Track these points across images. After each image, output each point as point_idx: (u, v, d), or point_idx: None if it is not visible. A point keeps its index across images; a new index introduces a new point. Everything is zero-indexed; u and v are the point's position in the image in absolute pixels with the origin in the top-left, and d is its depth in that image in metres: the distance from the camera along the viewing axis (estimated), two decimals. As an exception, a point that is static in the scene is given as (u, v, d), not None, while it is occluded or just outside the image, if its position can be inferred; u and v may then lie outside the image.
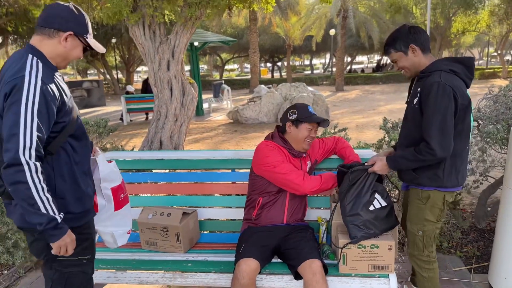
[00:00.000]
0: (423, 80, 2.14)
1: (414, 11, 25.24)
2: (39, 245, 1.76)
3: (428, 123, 2.03)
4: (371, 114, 12.71)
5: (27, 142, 1.52)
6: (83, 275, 1.86)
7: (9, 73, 1.59)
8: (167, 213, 2.60)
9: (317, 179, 2.38)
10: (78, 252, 1.78)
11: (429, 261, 2.31)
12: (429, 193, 2.20)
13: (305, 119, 2.44)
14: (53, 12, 1.71)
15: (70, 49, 1.75)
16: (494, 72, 28.73)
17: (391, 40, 2.23)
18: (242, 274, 2.11)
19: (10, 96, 1.54)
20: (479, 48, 49.88)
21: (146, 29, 5.70)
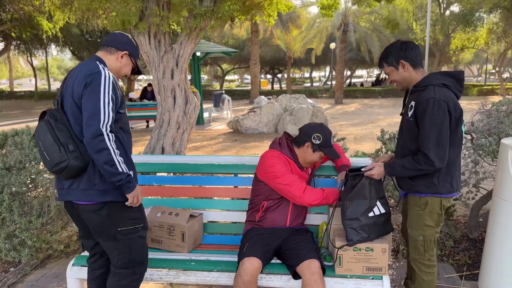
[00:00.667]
0: (416, 94, 2.28)
1: (414, 27, 25.62)
2: (99, 220, 2.10)
3: (425, 136, 2.16)
4: (369, 127, 12.87)
5: (105, 119, 1.95)
6: (141, 239, 2.23)
7: (83, 71, 2.02)
8: (175, 213, 2.73)
9: (318, 193, 2.46)
10: (132, 221, 2.16)
11: (430, 265, 2.42)
12: (427, 199, 2.32)
13: (325, 150, 2.53)
14: (116, 37, 2.22)
15: (123, 65, 2.23)
16: (492, 89, 29.03)
17: (384, 54, 2.38)
18: (246, 271, 2.22)
19: (90, 85, 1.97)
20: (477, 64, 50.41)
21: (152, 38, 5.86)
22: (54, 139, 1.97)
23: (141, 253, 2.25)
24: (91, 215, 2.10)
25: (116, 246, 2.16)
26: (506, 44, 25.09)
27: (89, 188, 2.05)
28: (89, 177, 2.05)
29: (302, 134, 2.58)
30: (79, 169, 2.01)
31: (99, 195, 2.06)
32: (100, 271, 2.36)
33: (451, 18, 24.25)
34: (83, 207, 2.10)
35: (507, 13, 19.14)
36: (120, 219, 2.13)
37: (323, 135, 2.52)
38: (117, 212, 2.11)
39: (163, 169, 3.04)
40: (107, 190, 2.07)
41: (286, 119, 11.42)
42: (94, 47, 25.42)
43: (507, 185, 2.56)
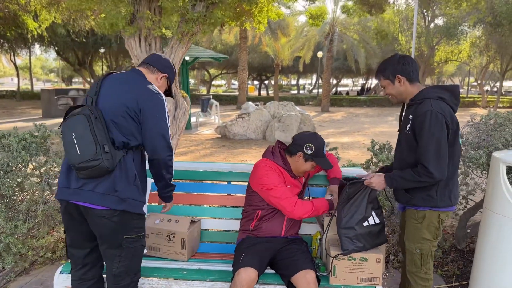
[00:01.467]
0: (413, 107, 2.30)
1: (400, 38, 26.05)
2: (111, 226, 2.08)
3: (424, 149, 2.17)
4: (355, 135, 12.99)
5: (170, 143, 2.14)
6: (141, 247, 2.25)
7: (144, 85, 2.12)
8: (175, 220, 2.69)
9: (308, 206, 2.43)
10: (137, 230, 2.19)
11: (426, 278, 2.42)
12: (425, 212, 2.33)
13: (317, 160, 2.52)
14: (160, 58, 2.32)
15: (160, 86, 2.30)
16: (474, 101, 29.71)
17: (382, 67, 2.39)
18: (242, 282, 2.19)
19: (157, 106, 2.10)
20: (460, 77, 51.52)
21: (142, 41, 5.79)
22: (92, 136, 1.96)
23: (139, 262, 2.25)
24: (103, 221, 2.07)
25: (118, 254, 2.14)
26: (488, 57, 25.74)
27: (109, 193, 2.03)
28: (114, 182, 2.03)
29: (294, 144, 2.56)
30: (107, 171, 2.00)
31: (117, 203, 2.04)
32: (91, 281, 2.27)
33: (436, 31, 24.71)
34: (97, 212, 2.04)
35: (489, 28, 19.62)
36: (128, 227, 2.13)
37: (316, 145, 2.50)
38: (127, 220, 2.12)
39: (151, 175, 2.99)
40: (126, 199, 2.06)
41: (275, 126, 11.44)
42: (80, 48, 25.14)
43: (497, 198, 2.60)
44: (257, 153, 9.31)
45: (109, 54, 29.48)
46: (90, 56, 27.75)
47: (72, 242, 2.23)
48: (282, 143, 2.69)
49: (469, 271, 3.38)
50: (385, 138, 12.17)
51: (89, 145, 1.95)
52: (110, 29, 5.42)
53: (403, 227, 2.66)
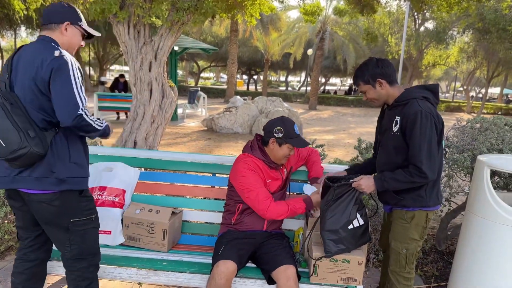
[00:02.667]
0: (399, 109, 2.28)
1: (390, 40, 26.23)
2: (52, 210, 2.01)
3: (416, 149, 2.16)
4: (341, 134, 13.05)
5: (80, 103, 1.92)
6: (95, 230, 2.19)
7: (45, 55, 1.90)
8: (156, 210, 2.63)
9: (282, 208, 2.38)
10: (86, 212, 2.11)
11: (409, 278, 2.43)
12: (414, 213, 2.33)
13: (290, 141, 2.47)
14: (50, 11, 2.06)
15: (71, 37, 2.09)
16: (459, 106, 30.14)
17: (360, 72, 2.35)
18: (220, 275, 2.16)
19: (59, 71, 1.89)
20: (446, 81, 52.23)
21: (131, 28, 5.69)
22: (12, 124, 1.84)
23: (94, 244, 2.19)
24: (43, 206, 1.99)
25: (68, 237, 2.08)
26: (475, 63, 26.09)
27: (46, 176, 1.94)
28: (48, 164, 1.94)
29: (265, 132, 2.54)
30: (39, 156, 1.91)
31: (56, 184, 1.96)
32: (34, 263, 2.22)
33: (425, 35, 24.96)
34: (35, 197, 1.97)
35: (478, 34, 19.88)
36: (74, 209, 2.06)
37: (284, 127, 2.46)
38: (72, 203, 2.04)
39: (138, 164, 2.94)
40: (66, 179, 1.97)
41: (262, 121, 11.41)
42: (67, 33, 24.64)
43: (480, 201, 2.62)
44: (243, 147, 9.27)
45: (97, 41, 28.99)
46: (77, 41, 27.23)
47: (19, 224, 2.19)
48: (260, 136, 2.65)
49: (448, 272, 3.41)
50: (371, 137, 12.23)
51: (12, 134, 1.84)
52: (100, 15, 5.31)
53: (386, 227, 2.66)
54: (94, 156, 2.93)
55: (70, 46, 2.09)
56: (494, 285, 2.55)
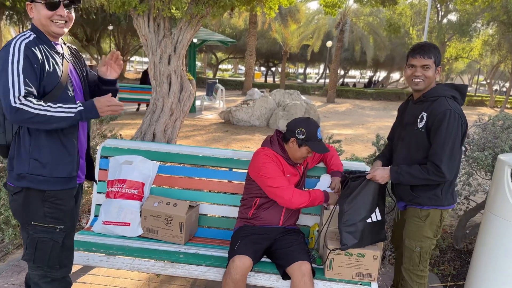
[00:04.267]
0: (427, 104, 2.25)
1: (411, 32, 25.74)
2: (15, 206, 1.92)
3: (439, 148, 2.14)
4: (359, 128, 12.93)
5: (16, 93, 1.71)
6: (52, 242, 1.95)
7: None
8: (174, 203, 2.68)
9: (305, 196, 2.42)
10: (50, 219, 1.93)
11: (423, 276, 2.43)
12: (429, 211, 2.32)
13: (309, 144, 2.48)
14: None
15: (37, 15, 1.89)
16: (482, 100, 29.44)
17: (436, 50, 2.27)
18: (236, 270, 2.19)
19: (1, 62, 1.73)
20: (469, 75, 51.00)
21: (151, 21, 5.74)
22: None
23: (50, 257, 1.96)
24: (10, 196, 1.94)
25: (25, 239, 1.96)
26: (499, 57, 25.41)
27: (10, 169, 1.89)
28: (10, 157, 1.88)
29: (287, 130, 2.56)
30: (1, 148, 1.86)
31: (16, 179, 1.87)
32: None
33: (448, 27, 24.39)
34: (8, 187, 1.93)
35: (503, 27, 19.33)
36: (36, 211, 1.90)
37: (307, 129, 2.47)
38: (34, 203, 1.89)
39: (156, 157, 2.99)
40: (24, 175, 1.85)
41: (279, 114, 11.40)
42: (88, 25, 24.97)
43: (500, 201, 2.58)
44: (260, 140, 9.29)
45: (117, 32, 29.29)
46: (98, 33, 27.57)
47: None
48: (281, 132, 2.67)
49: (465, 271, 3.38)
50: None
51: None
52: (121, 8, 5.37)
53: (399, 225, 2.65)
54: (114, 149, 2.99)
55: (42, 24, 1.89)
56: (512, 286, 2.52)
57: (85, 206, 3.94)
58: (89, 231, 2.81)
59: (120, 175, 2.80)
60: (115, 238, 2.70)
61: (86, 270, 3.02)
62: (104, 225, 2.73)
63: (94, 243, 2.59)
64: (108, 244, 2.60)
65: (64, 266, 2.03)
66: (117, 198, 2.76)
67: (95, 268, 3.05)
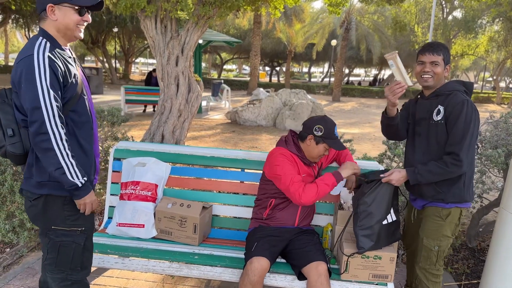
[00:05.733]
0: (441, 98, 2.27)
1: (416, 29, 25.61)
2: (34, 211, 1.92)
3: (458, 137, 2.16)
4: (366, 127, 12.88)
5: (49, 111, 1.72)
6: (75, 245, 1.96)
7: (21, 52, 1.78)
8: (187, 204, 2.69)
9: (313, 189, 2.37)
10: (70, 223, 1.93)
11: (438, 275, 2.41)
12: (450, 210, 2.31)
13: (327, 141, 2.47)
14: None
15: (62, 19, 1.85)
16: (488, 97, 29.24)
17: (445, 49, 2.30)
18: (254, 271, 2.19)
19: (24, 73, 1.73)
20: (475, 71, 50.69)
21: (158, 23, 5.76)
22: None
23: (72, 260, 1.97)
24: (27, 203, 1.93)
25: (46, 244, 1.96)
26: (506, 53, 25.22)
27: (29, 177, 1.88)
28: (28, 165, 1.88)
29: (304, 128, 2.55)
30: (17, 156, 1.84)
31: (36, 187, 1.87)
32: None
33: (453, 24, 24.25)
34: (25, 193, 1.92)
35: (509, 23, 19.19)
36: (55, 216, 1.91)
37: (325, 126, 2.47)
38: (53, 208, 1.90)
39: (168, 159, 2.99)
40: (45, 183, 1.86)
41: (285, 114, 11.38)
42: (93, 27, 25.09)
43: (515, 199, 2.56)
44: (267, 140, 9.29)
45: (123, 34, 29.42)
46: (103, 35, 27.71)
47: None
48: (295, 131, 2.66)
49: (480, 269, 3.36)
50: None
51: None
52: (129, 9, 5.39)
53: (413, 224, 2.60)
54: (127, 151, 3.00)
55: (67, 29, 1.86)
56: (529, 284, 2.50)
57: (97, 208, 3.96)
58: (104, 233, 2.82)
59: (133, 177, 2.81)
60: (130, 239, 2.71)
61: (100, 272, 3.03)
62: (119, 227, 2.75)
63: (108, 245, 2.60)
64: (123, 246, 2.61)
65: (85, 268, 2.04)
66: (131, 200, 2.77)
67: (109, 270, 3.07)
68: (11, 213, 3.20)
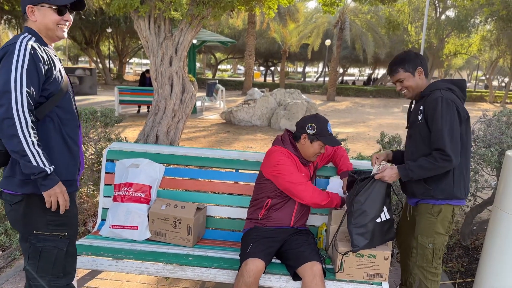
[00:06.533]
0: (423, 99, 2.32)
1: (409, 29, 25.71)
2: (14, 216, 1.86)
3: (439, 133, 2.17)
4: (360, 126, 12.92)
5: (18, 97, 1.66)
6: (57, 251, 1.89)
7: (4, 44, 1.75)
8: (181, 205, 2.67)
9: (325, 196, 2.45)
10: (53, 228, 1.87)
11: (436, 273, 2.42)
12: (441, 207, 2.32)
13: (321, 139, 2.48)
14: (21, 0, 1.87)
15: (41, 19, 1.84)
16: (481, 96, 29.42)
17: (400, 61, 2.37)
18: (249, 273, 2.18)
19: (3, 59, 1.70)
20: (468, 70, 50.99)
21: (152, 23, 5.73)
22: None
23: (54, 266, 1.90)
24: (8, 206, 1.85)
25: (26, 250, 1.88)
26: (498, 52, 25.40)
27: (12, 175, 1.81)
28: (12, 162, 1.80)
29: (298, 128, 2.57)
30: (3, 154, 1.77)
31: (19, 185, 1.79)
32: None
33: (446, 23, 24.37)
34: (4, 195, 1.84)
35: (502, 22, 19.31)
36: (39, 220, 1.83)
37: (317, 124, 2.49)
38: (37, 211, 1.83)
39: (162, 160, 2.98)
40: (28, 181, 1.78)
41: (280, 114, 11.39)
42: (87, 27, 24.96)
43: (509, 197, 2.57)
44: (262, 140, 9.29)
45: (116, 34, 29.28)
46: (97, 35, 27.57)
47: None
48: (290, 131, 2.66)
49: (474, 268, 3.37)
50: (390, 129, 12.10)
51: None
52: (122, 9, 5.36)
53: (406, 222, 2.63)
54: (120, 152, 2.98)
55: (47, 29, 1.85)
56: (523, 282, 2.51)
57: (91, 210, 3.94)
58: (97, 235, 2.80)
59: (127, 179, 2.79)
60: (123, 242, 2.69)
61: (94, 275, 3.01)
62: (112, 229, 2.73)
63: (102, 247, 2.58)
64: (116, 248, 2.59)
65: (68, 274, 1.97)
66: (124, 201, 2.75)
67: (103, 272, 3.04)
68: (3, 215, 3.17)
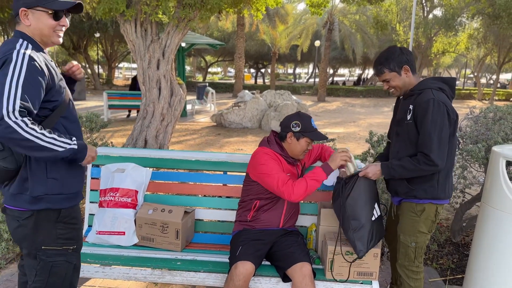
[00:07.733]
0: (413, 98, 2.27)
1: (398, 28, 25.89)
2: (23, 232, 1.79)
3: (426, 137, 2.14)
4: (351, 126, 12.95)
5: (9, 104, 1.54)
6: (67, 264, 1.87)
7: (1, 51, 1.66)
8: (168, 210, 2.64)
9: (302, 184, 2.32)
10: (63, 241, 1.84)
11: (418, 271, 2.41)
12: (424, 206, 2.31)
13: (307, 135, 2.47)
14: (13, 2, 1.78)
15: (36, 23, 1.76)
16: (470, 93, 29.71)
17: (385, 60, 2.32)
18: (239, 276, 2.15)
19: (1, 69, 1.61)
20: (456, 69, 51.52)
21: (138, 26, 5.69)
22: None
23: (64, 280, 1.88)
24: (15, 223, 1.79)
25: (34, 266, 1.83)
26: (485, 50, 25.67)
27: (20, 192, 1.74)
28: (22, 179, 1.73)
29: (282, 127, 2.55)
30: (9, 172, 1.70)
31: (30, 202, 1.75)
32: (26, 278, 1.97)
33: (434, 22, 24.57)
34: (10, 211, 1.80)
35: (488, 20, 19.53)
36: (47, 235, 1.80)
37: (301, 121, 2.47)
38: (47, 226, 1.79)
39: (149, 164, 2.94)
40: (42, 197, 1.75)
41: (271, 115, 11.38)
42: (74, 32, 24.76)
43: (496, 193, 2.57)
44: (253, 142, 9.26)
45: (105, 39, 29.11)
46: (85, 40, 27.37)
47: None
48: (276, 132, 2.65)
49: (464, 264, 3.38)
50: (381, 129, 12.16)
51: None
52: (108, 14, 5.31)
53: (392, 221, 2.62)
54: (106, 157, 2.94)
55: (42, 34, 1.78)
56: (512, 277, 2.52)
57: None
58: (84, 241, 2.76)
59: (112, 184, 2.75)
60: (110, 247, 2.65)
61: (82, 282, 2.96)
62: (98, 235, 2.68)
63: (89, 254, 2.55)
64: (103, 254, 2.56)
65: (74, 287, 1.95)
66: (111, 207, 2.71)
67: (90, 280, 3.00)
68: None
